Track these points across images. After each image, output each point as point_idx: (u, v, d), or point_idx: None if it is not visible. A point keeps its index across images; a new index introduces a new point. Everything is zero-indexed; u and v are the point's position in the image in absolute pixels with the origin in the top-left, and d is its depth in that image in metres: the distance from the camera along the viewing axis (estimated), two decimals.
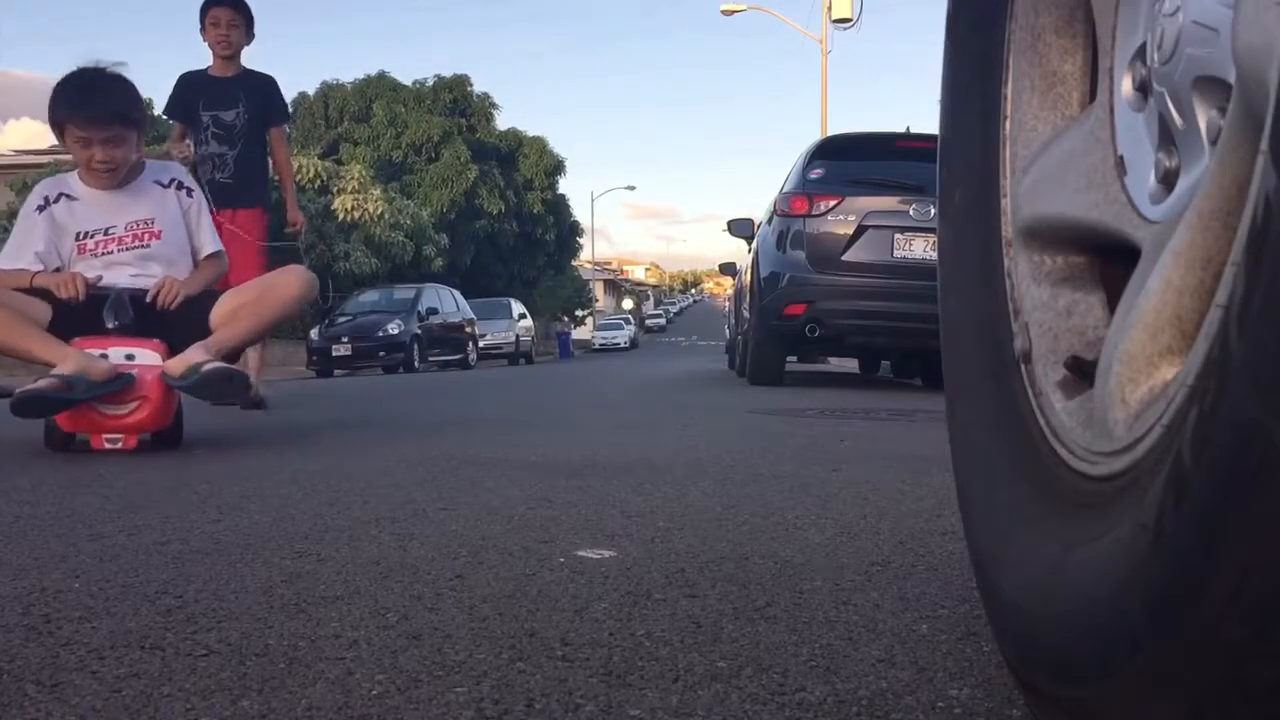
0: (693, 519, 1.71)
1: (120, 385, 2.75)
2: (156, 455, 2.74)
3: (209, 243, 3.36)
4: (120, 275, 3.08)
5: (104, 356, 2.79)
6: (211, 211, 3.58)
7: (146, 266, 3.13)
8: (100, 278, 3.04)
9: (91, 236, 3.10)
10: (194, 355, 2.82)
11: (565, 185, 40.57)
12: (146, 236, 3.15)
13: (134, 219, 3.14)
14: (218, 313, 3.07)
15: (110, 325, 2.90)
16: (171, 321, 3.01)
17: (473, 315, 18.97)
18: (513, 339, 21.99)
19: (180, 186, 3.30)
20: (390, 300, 17.37)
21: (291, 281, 3.19)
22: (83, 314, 2.91)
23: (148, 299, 3.03)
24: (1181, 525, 0.47)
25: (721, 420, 4.07)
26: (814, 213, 6.25)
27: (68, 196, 3.13)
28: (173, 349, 2.89)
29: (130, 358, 2.84)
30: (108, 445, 2.78)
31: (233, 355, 3.06)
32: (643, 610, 1.13)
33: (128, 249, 3.12)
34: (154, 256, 3.15)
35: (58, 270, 3.06)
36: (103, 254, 3.09)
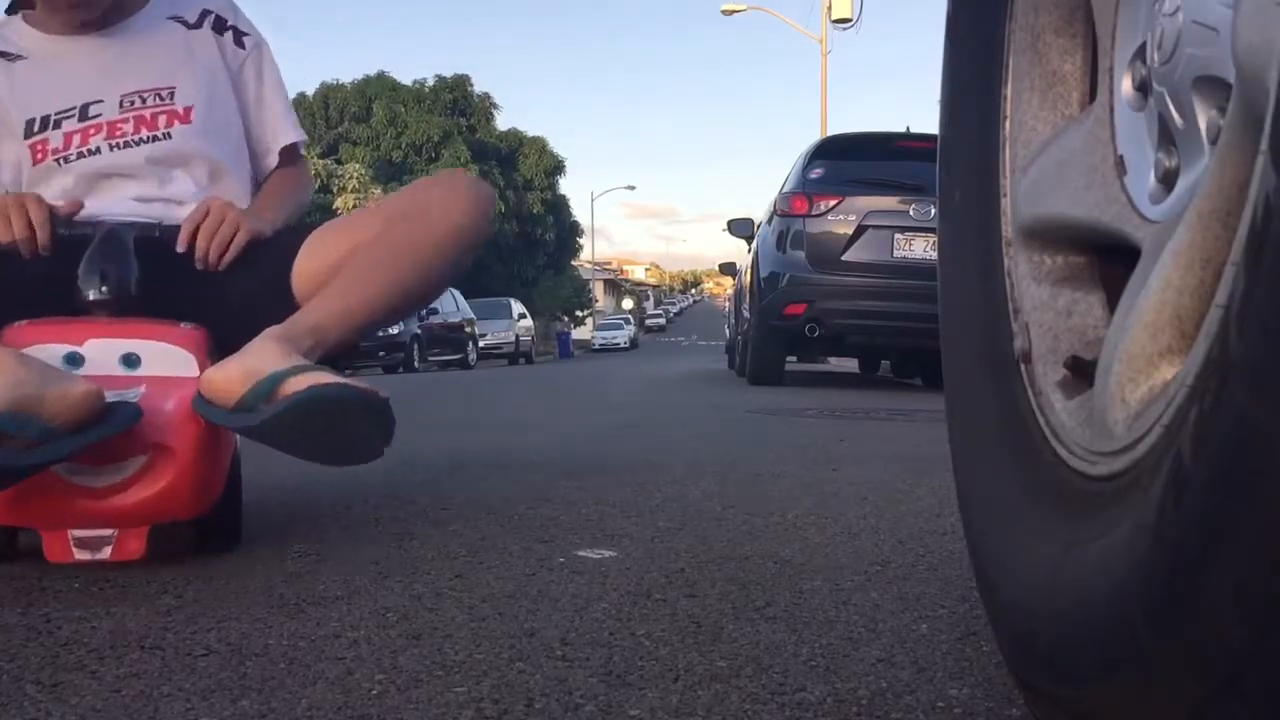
0: (693, 519, 1.71)
1: (112, 429, 1.21)
2: None
3: (284, 129, 1.78)
4: (113, 196, 1.59)
5: (73, 362, 1.31)
6: None
7: (164, 180, 1.62)
8: (78, 205, 1.52)
9: (56, 125, 1.59)
10: (265, 356, 1.30)
11: (565, 185, 40.68)
12: (163, 120, 1.62)
13: (137, 88, 1.61)
14: (308, 265, 1.55)
15: (93, 296, 1.42)
16: (218, 288, 1.54)
17: (472, 315, 18.97)
18: (512, 339, 21.98)
19: (224, 27, 1.73)
20: None
21: (449, 199, 1.56)
22: (38, 273, 1.46)
23: (180, 245, 1.53)
24: (1181, 525, 0.47)
25: (721, 420, 4.07)
26: (814, 213, 6.25)
27: (4, 56, 1.63)
28: (221, 343, 1.41)
29: (131, 362, 1.34)
30: (79, 555, 1.28)
31: (343, 347, 1.48)
32: (643, 610, 1.13)
33: (126, 144, 1.60)
34: (178, 159, 1.63)
35: None
36: (79, 155, 1.58)
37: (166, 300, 1.47)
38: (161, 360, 1.37)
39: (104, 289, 1.43)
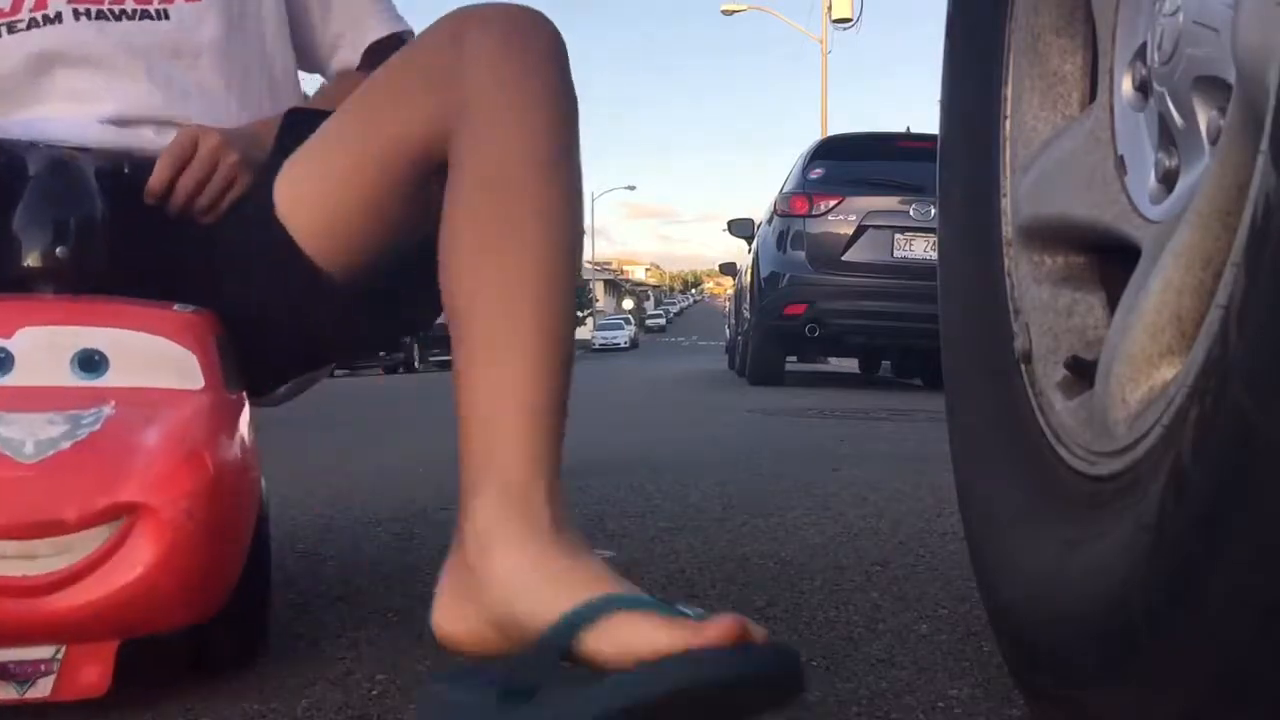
0: (693, 519, 1.71)
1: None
2: None
3: (370, 19, 1.17)
4: (77, 108, 1.00)
5: None
6: None
7: (159, 87, 1.03)
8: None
9: None
10: (511, 571, 0.72)
11: None
12: None
13: None
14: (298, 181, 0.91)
15: (33, 261, 0.87)
16: (217, 247, 0.97)
17: None
18: None
19: None
20: None
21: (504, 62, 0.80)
22: None
23: (150, 193, 0.95)
24: (1181, 525, 0.47)
25: (721, 420, 4.07)
26: (814, 213, 6.25)
27: None
28: (237, 340, 0.93)
29: (92, 365, 0.82)
30: (1, 693, 0.73)
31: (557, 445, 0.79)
32: None
33: (100, 15, 1.02)
34: (177, 49, 1.04)
35: None
36: (30, 24, 1.01)
37: (148, 268, 0.96)
38: (142, 362, 0.84)
39: (57, 249, 0.88)
